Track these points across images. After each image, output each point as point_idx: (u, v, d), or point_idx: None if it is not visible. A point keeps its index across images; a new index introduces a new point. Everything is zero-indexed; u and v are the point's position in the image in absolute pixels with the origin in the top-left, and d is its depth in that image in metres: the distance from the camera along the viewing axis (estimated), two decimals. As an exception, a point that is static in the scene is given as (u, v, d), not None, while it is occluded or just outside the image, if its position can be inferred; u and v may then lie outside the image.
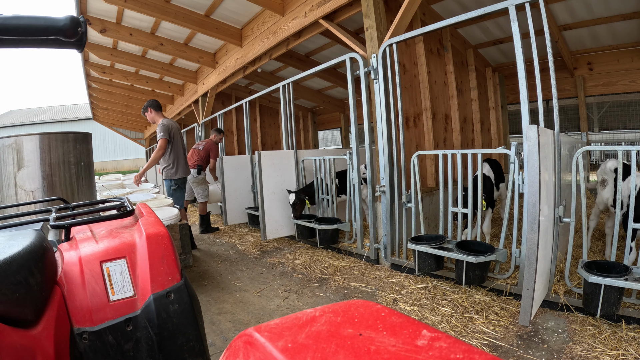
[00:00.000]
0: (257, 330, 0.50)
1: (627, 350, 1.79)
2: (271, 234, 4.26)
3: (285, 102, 4.56)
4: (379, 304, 0.57)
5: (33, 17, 0.64)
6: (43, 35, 0.65)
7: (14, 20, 0.63)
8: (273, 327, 0.50)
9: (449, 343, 0.45)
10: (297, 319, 0.53)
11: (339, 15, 3.91)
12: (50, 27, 0.64)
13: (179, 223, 3.53)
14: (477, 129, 5.60)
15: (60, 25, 0.64)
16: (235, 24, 5.44)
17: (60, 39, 0.66)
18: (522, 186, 2.48)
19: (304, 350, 0.45)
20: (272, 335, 0.48)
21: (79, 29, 0.66)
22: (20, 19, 0.63)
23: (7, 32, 0.63)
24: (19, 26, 0.63)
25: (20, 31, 0.64)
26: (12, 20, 0.63)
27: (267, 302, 2.80)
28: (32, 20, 0.64)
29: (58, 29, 0.64)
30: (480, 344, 2.00)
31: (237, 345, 0.50)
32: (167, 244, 1.20)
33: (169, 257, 1.18)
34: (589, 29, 5.28)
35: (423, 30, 2.95)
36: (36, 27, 0.64)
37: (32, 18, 0.64)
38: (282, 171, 4.40)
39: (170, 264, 1.17)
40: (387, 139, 3.33)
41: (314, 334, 0.49)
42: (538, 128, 1.96)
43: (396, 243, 3.39)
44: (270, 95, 9.58)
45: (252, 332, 0.49)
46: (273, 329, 0.50)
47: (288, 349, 0.45)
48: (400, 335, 0.48)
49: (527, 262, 1.97)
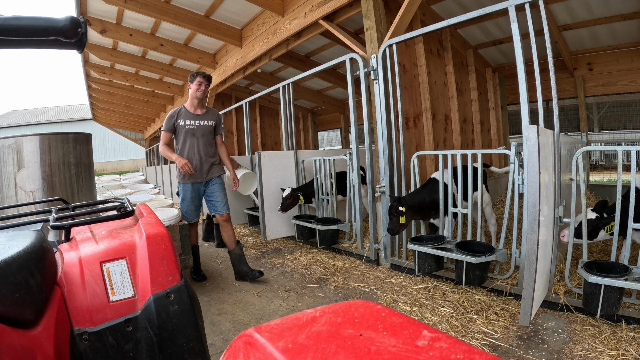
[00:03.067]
0: (258, 330, 0.50)
1: (627, 351, 1.79)
2: (271, 235, 4.26)
3: (285, 102, 4.56)
4: (379, 304, 0.57)
5: (33, 18, 0.64)
6: (43, 35, 0.65)
7: (14, 21, 0.63)
8: (273, 328, 0.50)
9: (449, 343, 0.45)
10: (297, 319, 0.53)
11: (339, 16, 3.92)
12: (51, 28, 0.64)
13: (179, 223, 3.54)
14: (477, 130, 5.60)
15: (61, 26, 0.64)
16: (235, 24, 5.45)
17: (60, 39, 0.66)
18: (522, 186, 2.48)
19: (305, 350, 0.45)
20: (273, 335, 0.48)
21: (79, 30, 0.67)
22: (20, 19, 0.63)
23: (7, 32, 0.63)
24: (19, 27, 0.63)
25: (21, 32, 0.64)
26: (12, 21, 0.63)
27: (267, 302, 2.80)
28: (32, 21, 0.64)
29: (58, 29, 0.65)
30: (481, 344, 2.00)
31: (238, 345, 0.50)
32: (167, 245, 1.19)
33: (169, 257, 1.18)
34: (589, 29, 5.28)
35: (423, 30, 2.96)
36: (36, 28, 0.64)
37: (32, 19, 0.64)
38: (282, 172, 4.40)
39: (170, 264, 1.17)
40: (387, 140, 3.33)
41: (315, 334, 0.49)
42: (538, 128, 1.96)
43: (396, 243, 3.39)
44: (270, 96, 9.57)
45: (252, 333, 0.49)
46: (273, 330, 0.50)
47: (288, 350, 0.45)
48: (400, 336, 0.48)
49: (527, 263, 1.97)
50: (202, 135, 3.22)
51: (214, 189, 3.30)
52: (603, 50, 5.89)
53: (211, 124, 3.28)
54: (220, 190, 3.34)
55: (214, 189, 3.30)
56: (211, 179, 3.30)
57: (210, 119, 3.28)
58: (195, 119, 3.20)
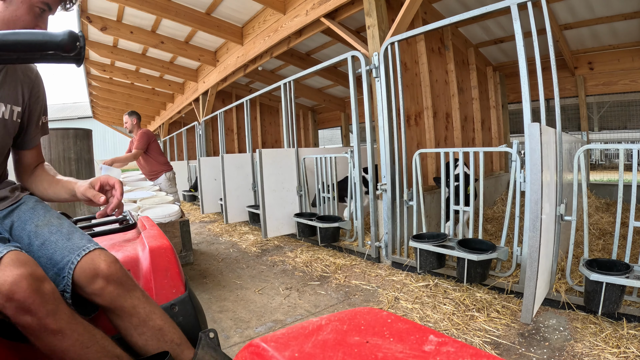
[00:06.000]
0: (264, 340, 0.50)
1: (629, 349, 1.80)
2: (272, 232, 4.26)
3: (286, 100, 4.56)
4: (384, 310, 0.58)
5: (31, 33, 0.65)
6: (42, 50, 0.66)
7: (12, 36, 0.64)
8: (280, 337, 0.51)
9: (456, 347, 0.46)
10: (303, 328, 0.53)
11: (341, 14, 3.91)
12: (49, 42, 0.65)
13: (179, 219, 3.53)
14: (478, 128, 5.61)
15: (59, 40, 0.65)
16: (237, 22, 5.44)
17: (59, 53, 0.67)
18: (524, 184, 2.48)
19: (311, 359, 0.45)
20: (279, 345, 0.49)
21: (77, 44, 0.67)
22: (18, 34, 0.64)
23: (6, 47, 0.64)
24: (17, 42, 0.64)
25: (19, 47, 0.64)
26: (10, 36, 0.64)
27: (268, 300, 2.80)
28: (30, 36, 0.65)
29: (56, 43, 0.65)
30: (482, 341, 2.01)
31: (244, 356, 0.50)
32: (170, 257, 1.19)
33: (173, 270, 1.17)
34: (590, 29, 5.28)
35: (425, 28, 2.95)
36: (34, 43, 0.65)
37: (30, 33, 0.65)
38: (282, 169, 4.40)
39: (174, 276, 1.17)
40: (388, 137, 3.33)
41: (321, 342, 0.49)
42: (540, 126, 1.96)
43: (397, 241, 3.39)
44: (271, 94, 9.58)
45: (259, 343, 0.50)
46: (280, 339, 0.50)
47: (295, 359, 0.45)
48: (407, 341, 0.49)
49: (528, 260, 1.97)
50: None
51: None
52: (604, 50, 5.90)
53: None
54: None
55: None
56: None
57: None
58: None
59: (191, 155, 10.52)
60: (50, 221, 1.07)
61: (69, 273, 0.95)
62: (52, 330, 0.81)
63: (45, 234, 1.02)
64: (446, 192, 3.05)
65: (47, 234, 1.02)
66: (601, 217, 4.42)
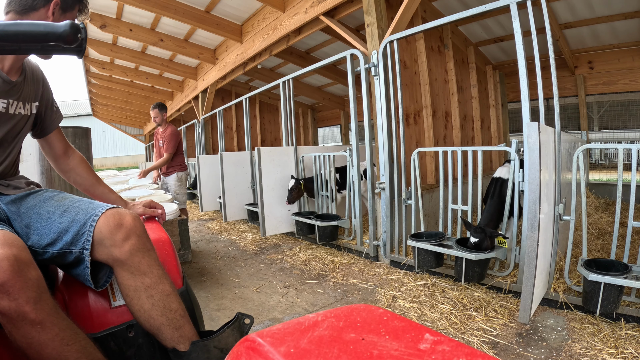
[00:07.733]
0: (260, 335, 0.50)
1: (626, 349, 1.79)
2: (270, 231, 4.26)
3: (285, 98, 4.55)
4: (381, 308, 0.57)
5: (33, 24, 0.64)
6: (43, 41, 0.65)
7: (13, 26, 0.63)
8: (275, 332, 0.50)
9: (452, 346, 0.46)
10: (299, 323, 0.53)
11: (340, 12, 3.90)
12: (50, 34, 0.65)
13: (178, 218, 3.53)
14: (477, 127, 5.60)
15: (60, 32, 0.64)
16: (236, 20, 5.42)
17: (60, 45, 0.66)
18: (522, 184, 2.47)
19: (307, 355, 0.45)
20: (275, 340, 0.48)
21: (79, 35, 0.67)
22: (20, 25, 0.64)
23: (7, 38, 0.63)
24: (18, 32, 0.63)
25: (20, 38, 0.64)
26: (11, 27, 0.63)
27: (266, 298, 2.80)
28: (32, 27, 0.64)
29: (58, 35, 0.65)
30: (480, 341, 2.01)
31: (240, 350, 0.50)
32: (168, 250, 1.19)
33: (170, 263, 1.17)
34: (590, 28, 5.27)
35: (424, 27, 2.94)
36: (36, 34, 0.64)
37: (32, 24, 0.64)
38: (281, 167, 4.39)
39: (171, 270, 1.16)
40: (387, 136, 3.32)
41: (317, 338, 0.49)
42: (539, 125, 1.95)
43: (395, 240, 3.39)
44: (270, 92, 9.58)
45: (254, 338, 0.49)
46: (275, 334, 0.50)
47: (291, 354, 0.45)
48: (402, 339, 0.48)
49: (527, 260, 1.97)
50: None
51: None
52: (604, 49, 5.89)
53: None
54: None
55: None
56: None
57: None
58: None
59: (190, 153, 10.52)
60: (72, 196, 1.11)
61: (91, 225, 0.96)
62: (30, 320, 0.77)
63: (67, 204, 1.05)
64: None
65: (69, 203, 1.05)
66: (600, 217, 4.41)
